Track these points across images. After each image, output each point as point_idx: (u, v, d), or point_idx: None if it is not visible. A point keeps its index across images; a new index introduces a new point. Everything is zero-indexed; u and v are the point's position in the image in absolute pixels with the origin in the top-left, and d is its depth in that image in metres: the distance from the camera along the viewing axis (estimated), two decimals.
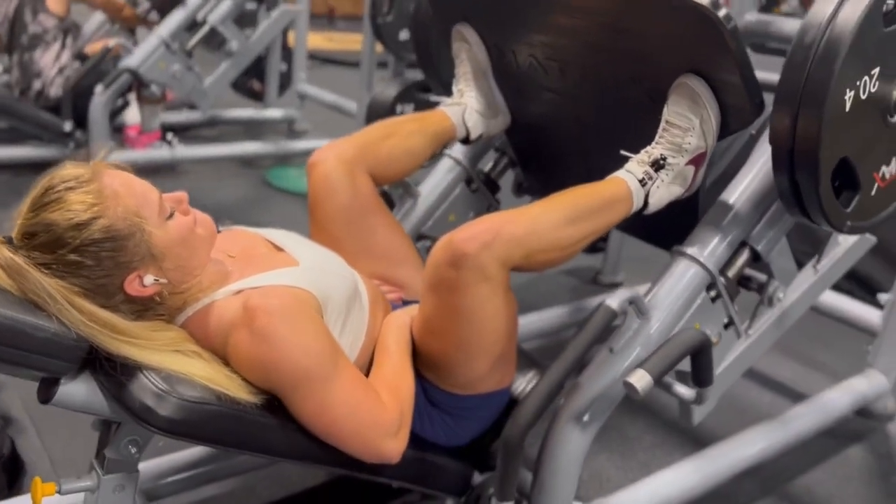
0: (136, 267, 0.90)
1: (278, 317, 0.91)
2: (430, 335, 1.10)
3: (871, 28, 0.97)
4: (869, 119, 1.05)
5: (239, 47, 3.09)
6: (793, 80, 0.99)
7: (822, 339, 2.31)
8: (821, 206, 1.05)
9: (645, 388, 0.99)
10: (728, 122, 1.15)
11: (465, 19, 1.45)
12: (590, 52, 1.26)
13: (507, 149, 1.67)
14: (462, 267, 1.02)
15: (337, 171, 1.29)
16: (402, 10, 3.12)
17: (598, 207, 1.13)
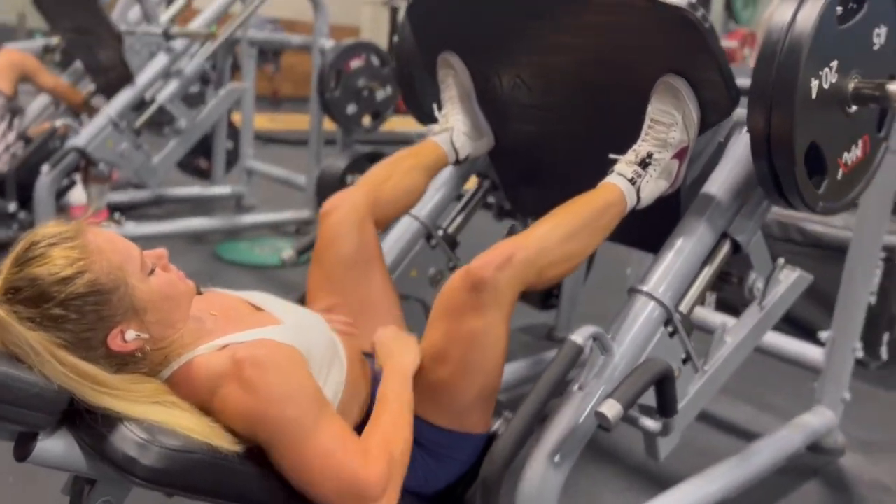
0: (119, 321, 0.91)
1: (266, 368, 0.93)
2: (436, 361, 1.14)
3: (827, 26, 1.10)
4: (831, 108, 1.17)
5: (187, 125, 3.13)
6: (765, 74, 1.10)
7: (771, 382, 2.39)
8: (797, 187, 1.16)
9: (616, 417, 1.02)
10: (707, 115, 1.25)
11: (449, 48, 1.53)
12: (576, 68, 1.36)
13: (489, 172, 1.74)
14: (482, 290, 1.09)
15: (348, 221, 1.36)
16: (348, 86, 3.24)
17: (598, 215, 1.22)
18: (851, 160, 1.25)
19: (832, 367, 1.94)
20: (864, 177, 1.30)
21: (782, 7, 1.12)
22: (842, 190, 1.25)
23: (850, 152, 1.24)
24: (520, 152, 1.61)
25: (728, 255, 1.32)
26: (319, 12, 3.42)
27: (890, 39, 1.22)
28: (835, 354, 1.93)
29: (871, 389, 2.51)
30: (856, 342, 1.92)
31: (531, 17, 1.36)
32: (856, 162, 1.26)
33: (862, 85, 1.18)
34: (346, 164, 3.24)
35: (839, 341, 1.92)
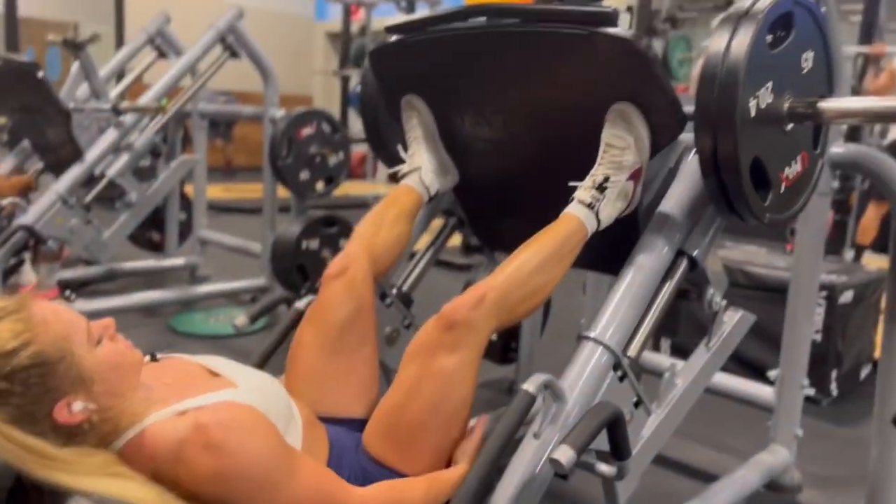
0: (65, 392, 0.91)
1: (232, 429, 0.94)
2: (407, 397, 1.16)
3: (759, 51, 1.18)
4: (770, 126, 1.24)
5: (138, 198, 3.12)
6: (707, 96, 1.18)
7: (728, 424, 2.44)
8: (745, 200, 1.22)
9: (570, 462, 1.04)
10: (657, 138, 1.32)
11: (412, 91, 1.58)
12: (532, 102, 1.41)
13: (455, 209, 1.78)
14: (455, 330, 1.14)
15: (349, 287, 1.37)
16: (301, 153, 3.28)
17: (560, 247, 1.27)
18: (793, 174, 1.33)
19: (783, 404, 1.99)
20: (805, 190, 1.38)
21: (718, 36, 1.20)
22: (786, 202, 1.33)
23: (790, 167, 1.32)
24: (484, 186, 1.66)
25: (686, 272, 1.37)
26: (269, 83, 3.48)
27: (817, 63, 1.32)
28: (784, 392, 1.98)
29: (825, 426, 2.57)
30: (803, 379, 1.98)
31: (487, 57, 1.42)
32: (797, 176, 1.34)
33: (795, 104, 1.27)
34: (300, 229, 3.26)
35: (787, 378, 1.97)
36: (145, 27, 3.61)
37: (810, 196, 1.39)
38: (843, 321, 2.73)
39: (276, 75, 3.54)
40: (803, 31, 1.28)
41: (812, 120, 1.30)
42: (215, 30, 3.28)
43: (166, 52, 3.64)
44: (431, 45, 1.49)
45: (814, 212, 1.89)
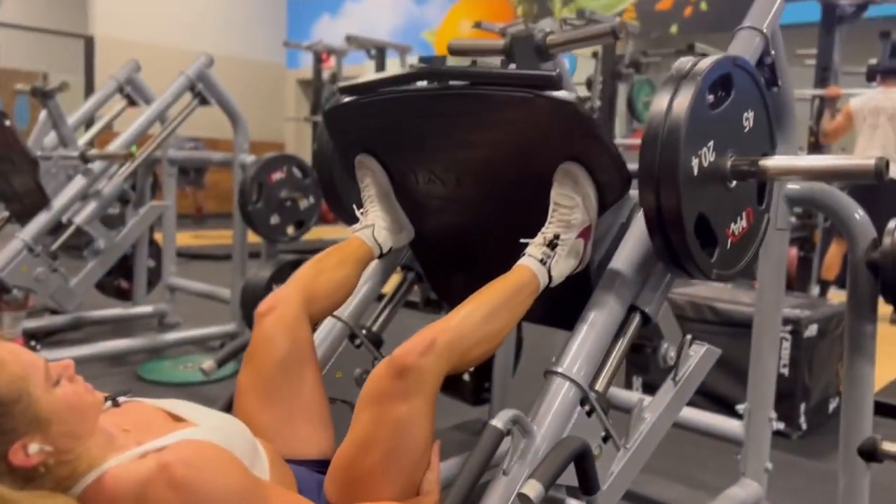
0: (21, 434, 0.90)
1: (195, 465, 0.93)
2: (363, 449, 1.14)
3: (699, 111, 1.21)
4: (713, 183, 1.27)
5: (106, 245, 3.10)
6: (650, 156, 1.20)
7: (700, 459, 2.45)
8: (691, 256, 1.24)
9: (538, 497, 1.04)
10: (604, 196, 1.35)
11: (366, 150, 1.59)
12: (482, 161, 1.43)
13: (413, 264, 1.78)
14: (405, 378, 1.11)
15: (282, 323, 1.35)
16: (271, 198, 3.30)
17: (511, 296, 1.27)
18: (738, 230, 1.35)
19: (752, 437, 2.00)
20: (752, 246, 1.40)
21: (659, 97, 1.23)
22: (732, 258, 1.35)
23: (736, 223, 1.35)
24: (440, 243, 1.67)
25: (639, 327, 1.38)
26: (239, 128, 3.51)
27: (757, 122, 1.36)
28: (753, 425, 2.00)
29: (795, 459, 2.59)
30: (771, 412, 2.00)
31: (437, 118, 1.45)
32: (742, 232, 1.36)
33: (738, 162, 1.30)
34: (270, 273, 3.25)
35: (755, 412, 1.99)
36: (115, 75, 3.63)
37: (757, 251, 1.42)
38: (809, 355, 2.78)
39: (246, 121, 3.57)
40: (743, 91, 1.32)
41: (754, 177, 1.33)
42: (185, 77, 3.31)
43: (136, 100, 3.66)
44: (383, 106, 1.51)
45: (773, 246, 1.94)
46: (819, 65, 5.37)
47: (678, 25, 8.10)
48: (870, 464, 1.80)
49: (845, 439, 1.82)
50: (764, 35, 1.69)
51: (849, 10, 5.33)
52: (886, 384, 3.29)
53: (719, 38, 7.01)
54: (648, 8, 8.32)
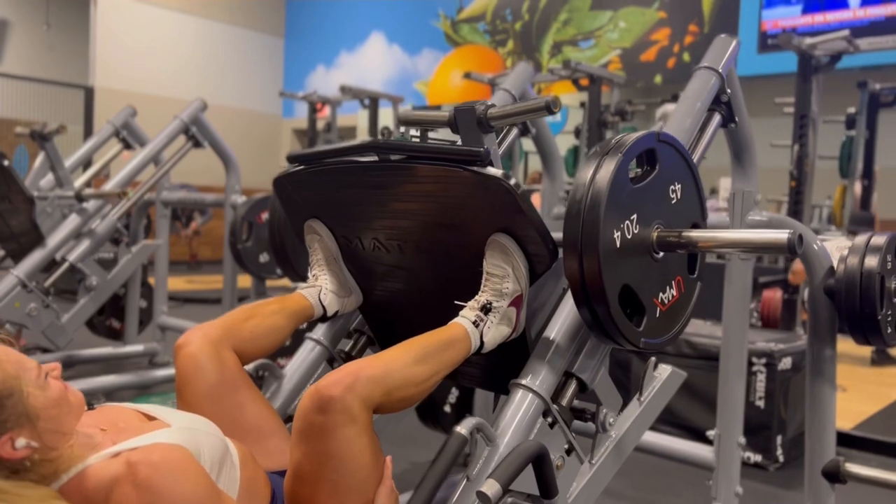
0: (10, 427, 0.96)
1: (160, 468, 0.98)
2: (301, 483, 1.16)
3: (621, 185, 1.26)
4: (638, 255, 1.30)
5: (99, 283, 3.17)
6: (573, 228, 1.24)
7: (672, 489, 2.49)
8: (616, 327, 1.26)
9: (495, 496, 1.10)
10: (534, 267, 1.39)
11: (314, 216, 1.67)
12: (421, 230, 1.49)
13: (364, 328, 1.83)
14: (329, 411, 1.11)
15: (204, 351, 1.37)
16: (260, 237, 3.38)
17: (443, 347, 1.29)
18: (668, 299, 1.37)
19: (722, 462, 2.05)
20: (684, 313, 1.42)
21: (583, 169, 1.28)
22: (662, 327, 1.36)
23: (665, 292, 1.36)
24: (387, 307, 1.70)
25: (575, 393, 1.39)
26: (231, 171, 3.61)
27: (685, 194, 1.40)
28: (723, 450, 2.05)
29: (773, 490, 2.63)
30: (740, 436, 2.06)
31: (378, 188, 1.51)
32: (672, 300, 1.38)
33: (664, 234, 1.33)
34: None
35: (725, 436, 2.05)
36: (112, 119, 3.76)
37: (689, 319, 1.43)
38: (784, 387, 2.83)
39: (237, 164, 3.68)
40: (668, 165, 1.36)
41: (681, 249, 1.35)
42: (179, 120, 3.43)
43: (132, 143, 3.78)
44: (330, 175, 1.57)
45: (737, 274, 2.02)
46: (797, 113, 5.54)
47: (662, 75, 8.33)
48: (834, 485, 1.85)
49: (810, 461, 1.87)
50: (720, 74, 1.80)
51: (824, 60, 5.52)
52: (864, 419, 3.35)
53: None
54: (633, 59, 8.58)
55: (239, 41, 11.86)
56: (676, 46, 8.18)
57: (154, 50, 10.88)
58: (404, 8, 10.91)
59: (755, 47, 7.52)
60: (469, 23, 10.21)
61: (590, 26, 9.00)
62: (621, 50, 8.67)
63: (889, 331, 1.77)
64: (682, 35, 8.10)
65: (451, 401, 2.71)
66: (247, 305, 1.57)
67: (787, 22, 7.51)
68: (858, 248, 1.76)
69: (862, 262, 1.72)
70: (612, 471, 1.53)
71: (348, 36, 11.57)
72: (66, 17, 11.36)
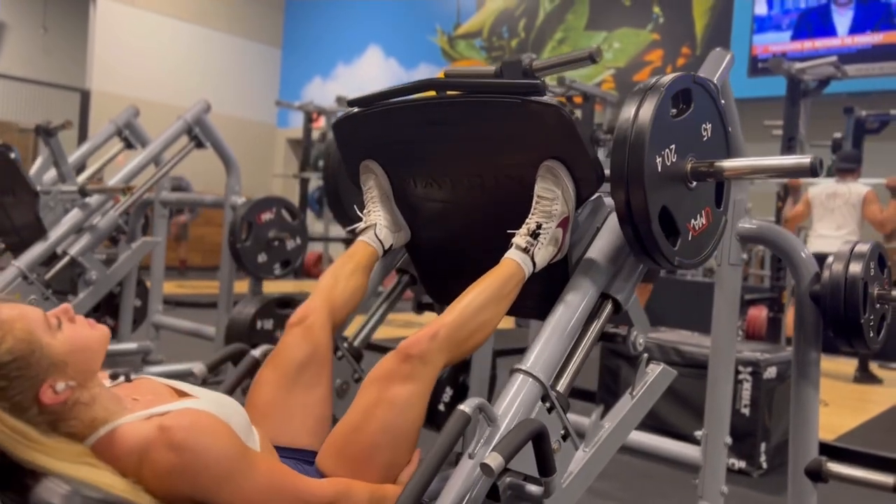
0: (43, 378, 1.01)
1: (192, 430, 1.04)
2: (361, 420, 1.28)
3: (662, 118, 1.38)
4: (675, 182, 1.43)
5: (98, 277, 3.21)
6: (620, 155, 1.37)
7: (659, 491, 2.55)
8: (656, 243, 1.38)
9: (498, 467, 1.16)
10: (580, 191, 1.51)
11: (370, 156, 1.75)
12: (474, 163, 1.59)
13: (408, 267, 1.91)
14: (410, 361, 1.27)
15: (310, 332, 1.49)
16: (259, 237, 3.43)
17: (502, 287, 1.42)
18: (699, 226, 1.51)
19: (709, 461, 2.12)
20: (711, 241, 1.56)
21: (626, 106, 1.41)
22: (693, 249, 1.50)
23: (696, 220, 1.51)
24: (435, 245, 1.81)
25: (611, 313, 1.51)
26: (231, 172, 3.67)
27: (714, 133, 1.54)
28: (710, 449, 2.12)
29: (757, 495, 2.70)
30: (726, 437, 2.13)
31: (433, 125, 1.61)
32: (702, 228, 1.52)
33: (696, 164, 1.47)
34: (255, 309, 3.37)
35: (712, 436, 2.12)
36: (114, 119, 3.81)
37: (715, 248, 1.58)
38: (769, 396, 2.91)
39: (238, 166, 3.74)
40: (701, 105, 1.50)
41: (711, 177, 1.50)
42: (183, 121, 3.49)
43: (133, 143, 3.83)
44: (386, 116, 1.68)
45: (726, 280, 2.10)
46: (785, 135, 5.67)
47: None
48: (816, 484, 1.92)
49: (793, 461, 1.94)
50: (714, 86, 1.88)
51: (812, 85, 5.67)
52: (845, 432, 3.42)
53: None
54: (626, 78, 8.73)
55: (236, 50, 11.95)
56: (669, 68, 8.33)
57: (150, 56, 10.95)
58: (402, 22, 11.06)
59: (745, 71, 7.68)
60: (466, 39, 10.36)
61: (584, 45, 9.16)
62: (615, 69, 8.82)
63: (871, 334, 1.85)
64: (675, 56, 8.26)
65: (445, 400, 2.76)
66: (329, 271, 1.65)
67: (777, 47, 7.68)
68: (843, 255, 1.84)
69: (846, 268, 1.80)
70: (605, 460, 1.58)
71: (345, 48, 11.69)
72: (63, 22, 11.42)
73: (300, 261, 3.60)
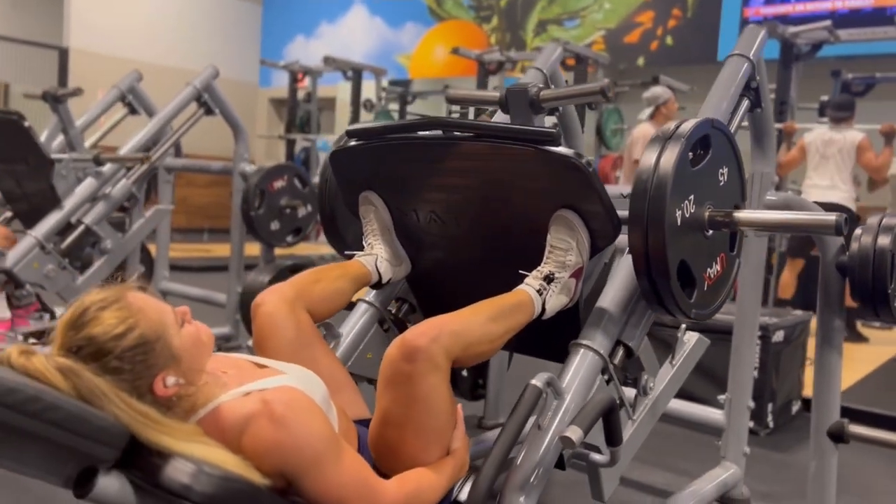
0: (161, 368, 1.05)
1: (293, 407, 1.08)
2: (389, 427, 1.27)
3: (683, 168, 1.38)
4: (693, 232, 1.44)
5: (114, 245, 3.21)
6: (640, 206, 1.36)
7: (680, 451, 2.66)
8: (673, 297, 1.39)
9: (579, 439, 1.22)
10: (596, 241, 1.49)
11: (369, 188, 1.74)
12: (480, 204, 1.58)
13: (407, 296, 1.93)
14: (416, 359, 1.21)
15: (281, 310, 1.47)
16: (272, 205, 3.44)
17: (512, 309, 1.41)
18: (714, 274, 1.51)
19: (732, 424, 2.22)
20: (724, 288, 1.56)
21: (647, 154, 1.39)
22: (709, 298, 1.51)
23: (711, 268, 1.50)
24: (436, 276, 1.79)
25: (623, 358, 1.51)
26: (240, 139, 3.65)
27: (731, 177, 1.53)
28: (733, 412, 2.21)
29: (764, 452, 2.82)
30: (749, 400, 2.22)
31: (443, 165, 1.59)
32: (717, 276, 1.52)
33: (714, 213, 1.46)
34: (270, 276, 3.39)
35: (735, 400, 2.21)
36: (117, 84, 3.75)
37: (728, 295, 1.57)
38: (776, 359, 3.02)
39: (247, 132, 3.72)
40: (719, 150, 1.49)
41: (728, 228, 1.49)
42: (192, 87, 3.45)
43: (137, 108, 3.78)
44: (390, 151, 1.65)
45: (753, 250, 2.17)
46: (777, 98, 5.73)
47: (645, 58, 8.49)
48: (838, 445, 2.02)
49: (816, 424, 2.03)
50: (751, 61, 1.92)
51: (804, 49, 5.72)
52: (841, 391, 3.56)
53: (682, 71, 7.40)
54: (617, 40, 8.72)
55: (216, 6, 11.69)
56: (660, 30, 8.33)
57: (129, 12, 10.67)
58: None
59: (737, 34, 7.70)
60: None
61: (575, 6, 9.11)
62: (605, 31, 8.80)
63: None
64: (666, 19, 8.26)
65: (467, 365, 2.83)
66: (312, 270, 1.65)
67: (769, 10, 7.71)
68: (872, 227, 1.91)
69: (875, 240, 1.88)
70: (649, 427, 1.66)
71: (329, 6, 11.48)
72: None
73: (311, 227, 3.62)
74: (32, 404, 0.88)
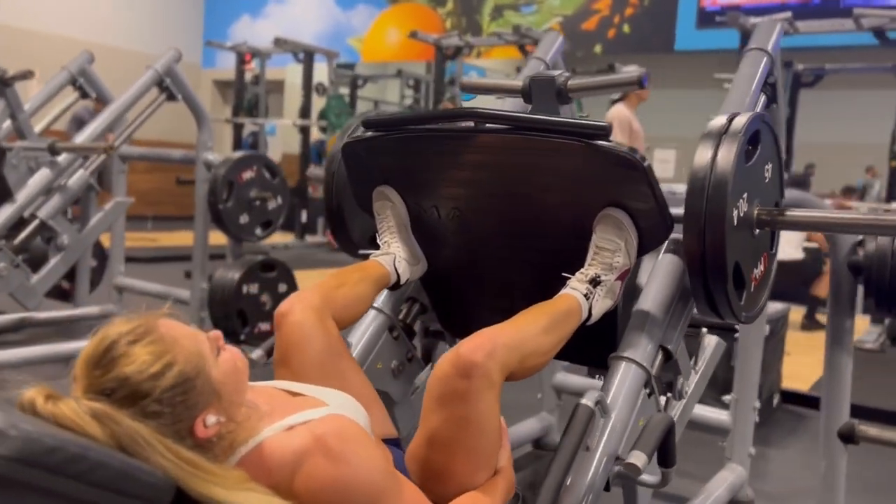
0: (203, 407, 0.92)
1: (348, 440, 0.98)
2: (436, 449, 1.15)
3: (740, 165, 1.30)
4: (745, 232, 1.36)
5: (71, 241, 2.98)
6: (697, 205, 1.28)
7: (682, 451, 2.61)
8: (727, 300, 1.32)
9: (644, 465, 1.14)
10: (644, 242, 1.40)
11: (385, 182, 1.62)
12: (512, 200, 1.47)
13: (418, 295, 1.81)
14: (472, 376, 1.10)
15: (309, 319, 1.35)
16: (241, 197, 3.26)
17: (563, 318, 1.31)
18: (758, 275, 1.45)
19: (738, 425, 2.18)
20: (766, 288, 1.50)
21: (702, 149, 1.31)
22: (755, 300, 1.44)
23: (756, 269, 1.44)
24: (454, 276, 1.68)
25: (662, 363, 1.43)
26: (203, 127, 3.46)
27: (774, 173, 1.47)
28: (739, 414, 2.18)
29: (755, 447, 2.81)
30: (755, 401, 2.19)
31: (472, 158, 1.47)
32: (760, 276, 1.46)
33: (762, 212, 1.40)
34: (240, 273, 3.22)
35: (741, 401, 2.17)
36: (67, 66, 3.49)
37: (769, 296, 1.51)
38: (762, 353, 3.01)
39: (210, 119, 3.52)
40: (766, 145, 1.42)
41: (776, 227, 1.43)
42: (153, 71, 3.24)
43: (89, 92, 3.53)
44: (413, 142, 1.53)
45: None
46: None
47: (602, 45, 8.49)
48: (847, 446, 2.00)
49: (826, 424, 2.01)
50: (770, 56, 1.86)
51: None
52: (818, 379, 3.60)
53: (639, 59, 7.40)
54: (574, 27, 8.69)
55: None
56: (617, 17, 8.34)
57: None
58: None
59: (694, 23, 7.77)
60: None
61: None
62: (563, 17, 8.76)
63: None
64: (623, 7, 8.27)
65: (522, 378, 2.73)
66: (334, 273, 1.53)
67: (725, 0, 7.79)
68: None
69: (894, 240, 1.85)
70: (679, 433, 1.60)
71: None
72: None
73: (281, 220, 3.45)
74: (76, 465, 0.74)
